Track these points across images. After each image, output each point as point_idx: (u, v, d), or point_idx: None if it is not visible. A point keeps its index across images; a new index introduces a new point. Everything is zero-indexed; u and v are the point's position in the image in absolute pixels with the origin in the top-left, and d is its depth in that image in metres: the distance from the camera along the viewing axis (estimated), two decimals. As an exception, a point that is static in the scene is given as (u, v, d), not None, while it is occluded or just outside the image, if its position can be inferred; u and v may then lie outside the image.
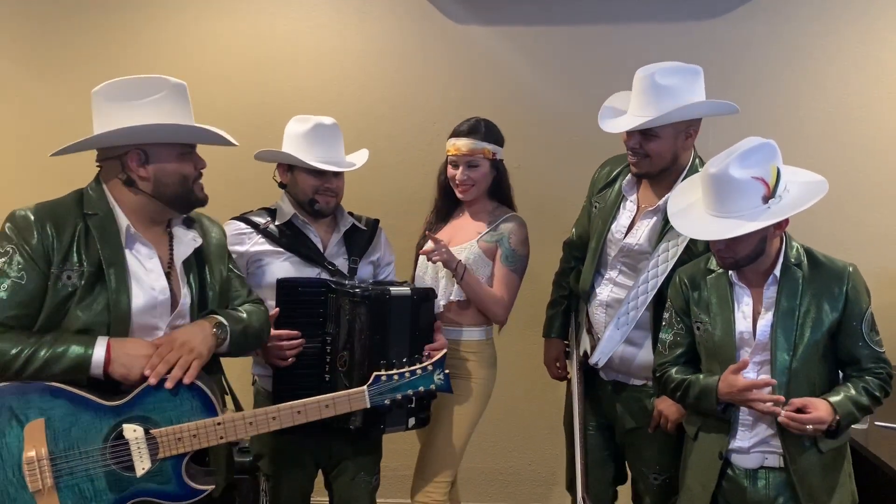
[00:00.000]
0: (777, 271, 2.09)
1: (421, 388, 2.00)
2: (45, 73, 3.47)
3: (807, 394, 2.05)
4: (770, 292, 2.10)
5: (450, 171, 2.68)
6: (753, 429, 2.12)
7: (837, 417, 2.00)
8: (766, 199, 1.99)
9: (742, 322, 2.11)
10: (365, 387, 1.97)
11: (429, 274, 2.69)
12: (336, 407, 1.94)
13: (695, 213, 2.09)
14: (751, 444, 2.12)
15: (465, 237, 2.68)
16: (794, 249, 2.12)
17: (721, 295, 2.15)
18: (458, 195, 2.67)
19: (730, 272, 2.14)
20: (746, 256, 2.05)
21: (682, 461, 2.29)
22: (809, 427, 1.98)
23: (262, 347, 2.26)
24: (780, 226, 2.05)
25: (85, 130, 1.85)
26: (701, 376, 2.16)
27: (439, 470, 2.64)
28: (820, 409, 1.99)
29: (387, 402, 1.98)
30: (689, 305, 2.21)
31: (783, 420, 2.00)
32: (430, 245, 2.58)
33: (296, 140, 2.40)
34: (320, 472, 2.57)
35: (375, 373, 1.99)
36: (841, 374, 2.14)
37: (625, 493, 2.75)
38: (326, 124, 2.42)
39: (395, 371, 1.99)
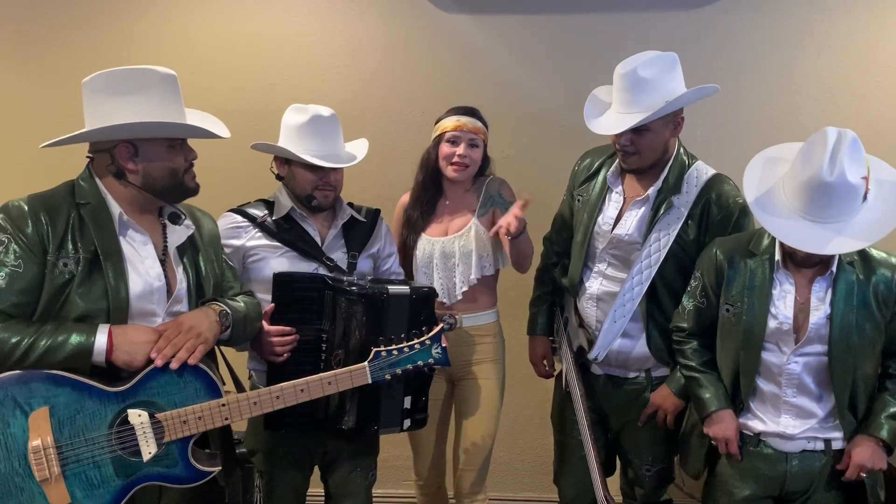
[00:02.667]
0: (834, 267, 2.06)
1: (420, 363, 2.04)
2: (37, 65, 3.45)
3: (854, 389, 2.09)
4: (820, 286, 2.08)
5: (445, 148, 2.62)
6: (806, 419, 2.13)
7: (884, 443, 2.08)
8: (865, 197, 1.96)
9: (783, 311, 2.10)
10: (366, 362, 2.00)
11: (437, 263, 2.65)
12: (338, 383, 1.97)
13: (783, 213, 2.00)
14: (798, 431, 2.13)
15: (463, 222, 2.67)
16: None
17: (761, 281, 2.12)
18: (451, 174, 2.63)
19: (776, 259, 2.11)
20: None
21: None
22: (862, 474, 2.09)
23: (255, 341, 2.25)
24: None
25: (76, 121, 1.86)
26: (710, 387, 2.21)
27: (487, 455, 2.71)
28: (856, 455, 2.08)
29: (387, 377, 2.01)
30: (720, 283, 2.19)
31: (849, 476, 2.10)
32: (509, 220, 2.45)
33: (293, 132, 2.33)
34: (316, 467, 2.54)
35: (375, 349, 2.02)
36: (881, 367, 2.15)
37: (612, 484, 2.78)
38: (324, 116, 2.34)
39: (393, 346, 2.02)
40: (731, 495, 2.21)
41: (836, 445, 2.13)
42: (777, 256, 2.12)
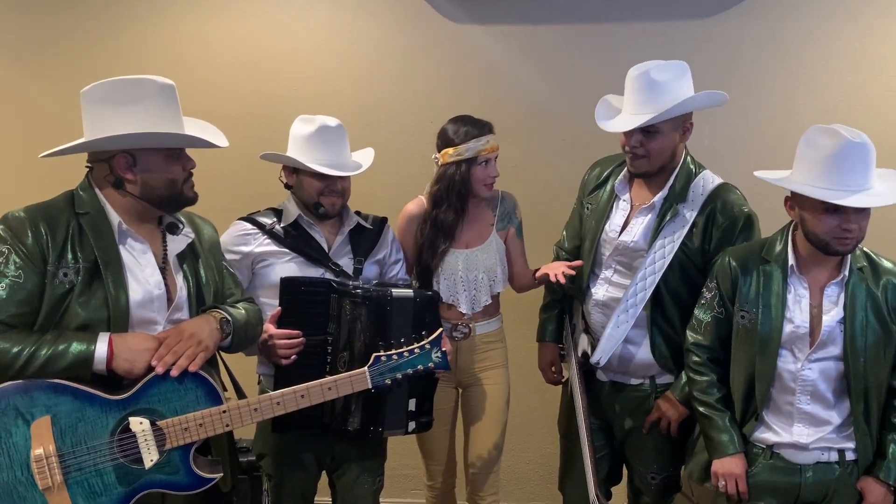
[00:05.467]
0: (846, 271, 2.08)
1: (420, 367, 2.05)
2: (39, 72, 3.49)
3: (867, 394, 2.09)
4: (833, 290, 2.09)
5: (479, 171, 2.61)
6: (819, 427, 2.12)
7: (892, 487, 2.08)
8: None
9: (798, 316, 2.10)
10: (366, 367, 2.01)
11: (462, 276, 2.66)
12: (338, 389, 1.98)
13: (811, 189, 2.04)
14: (811, 441, 2.12)
15: (483, 235, 2.70)
16: (858, 250, 2.11)
17: (774, 287, 2.12)
18: (485, 192, 2.65)
19: (790, 264, 2.11)
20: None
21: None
22: None
23: (261, 345, 2.27)
24: None
25: (76, 129, 1.88)
26: (727, 429, 2.18)
27: (498, 458, 2.75)
28: (869, 496, 2.10)
29: (388, 381, 2.02)
30: (735, 291, 2.19)
31: None
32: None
33: (300, 142, 2.39)
34: (323, 473, 2.56)
35: (375, 354, 2.03)
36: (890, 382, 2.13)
37: (619, 493, 2.78)
38: (331, 126, 2.40)
39: (393, 351, 2.03)
40: None
41: (850, 456, 2.12)
42: (791, 261, 2.12)
